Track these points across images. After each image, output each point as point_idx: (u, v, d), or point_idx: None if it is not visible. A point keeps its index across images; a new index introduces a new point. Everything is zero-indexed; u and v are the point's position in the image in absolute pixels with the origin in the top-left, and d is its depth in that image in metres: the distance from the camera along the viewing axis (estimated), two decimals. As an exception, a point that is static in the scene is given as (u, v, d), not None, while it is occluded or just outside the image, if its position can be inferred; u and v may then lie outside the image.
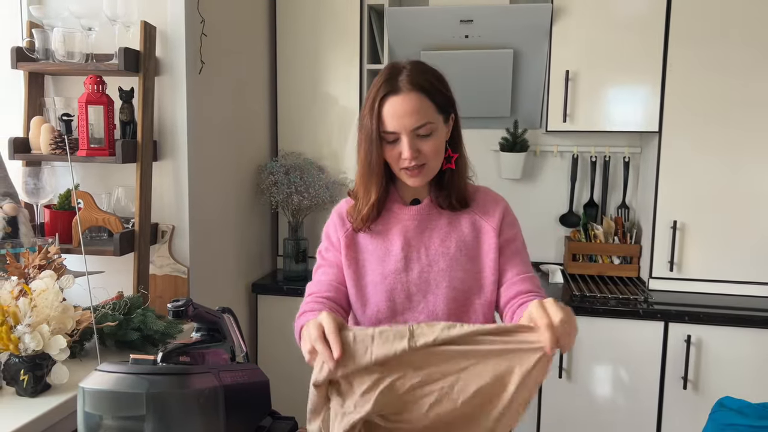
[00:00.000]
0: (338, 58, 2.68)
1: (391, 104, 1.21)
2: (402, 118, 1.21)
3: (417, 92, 1.22)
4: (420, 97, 1.22)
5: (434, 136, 1.25)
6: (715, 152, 2.40)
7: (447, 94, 1.28)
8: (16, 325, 1.36)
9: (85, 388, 0.94)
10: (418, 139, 1.23)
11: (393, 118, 1.21)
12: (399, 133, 1.22)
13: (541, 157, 2.89)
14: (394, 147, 1.24)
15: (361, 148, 1.27)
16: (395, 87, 1.22)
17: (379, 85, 1.23)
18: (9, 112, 2.05)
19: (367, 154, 1.25)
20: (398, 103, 1.21)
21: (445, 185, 1.32)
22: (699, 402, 2.26)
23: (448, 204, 1.33)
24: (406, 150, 1.22)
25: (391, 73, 1.24)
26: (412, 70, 1.24)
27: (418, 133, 1.23)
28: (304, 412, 1.03)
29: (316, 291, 1.33)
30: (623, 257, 2.68)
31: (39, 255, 1.59)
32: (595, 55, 2.48)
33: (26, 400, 1.36)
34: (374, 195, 1.29)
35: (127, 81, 1.96)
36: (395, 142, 1.24)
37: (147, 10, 1.96)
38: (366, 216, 1.31)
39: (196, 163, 2.10)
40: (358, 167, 1.32)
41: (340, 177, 2.71)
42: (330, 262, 1.36)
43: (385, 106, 1.22)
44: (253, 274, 2.69)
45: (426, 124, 1.22)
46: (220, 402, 0.97)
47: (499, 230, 1.33)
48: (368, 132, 1.24)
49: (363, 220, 1.32)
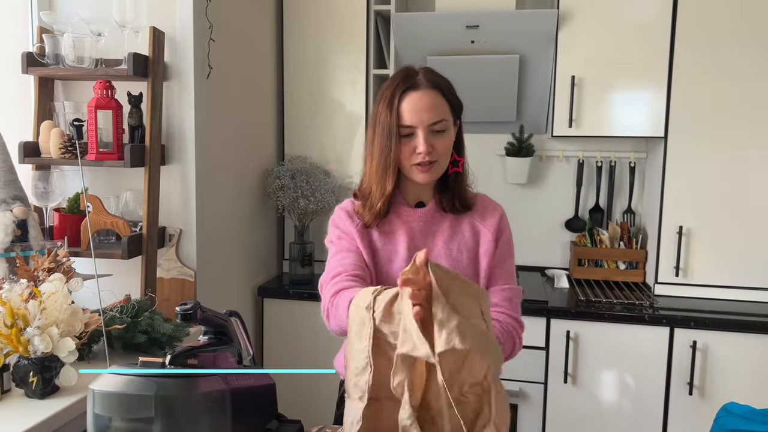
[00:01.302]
0: (345, 63, 2.70)
1: (410, 99, 1.27)
2: (420, 112, 1.27)
3: (434, 90, 1.29)
4: (437, 94, 1.29)
5: (447, 134, 1.30)
6: (721, 157, 2.39)
7: (457, 98, 1.35)
8: (25, 327, 1.37)
9: (95, 389, 0.96)
10: (432, 135, 1.28)
11: (411, 112, 1.27)
12: (416, 128, 1.27)
13: (546, 162, 2.90)
14: (410, 142, 1.29)
15: (376, 143, 1.31)
16: (414, 83, 1.28)
17: (396, 82, 1.29)
18: (19, 116, 2.07)
19: (384, 148, 1.29)
20: (417, 98, 1.27)
21: (449, 188, 1.37)
22: (705, 408, 2.26)
23: (452, 207, 1.37)
24: (421, 144, 1.27)
25: (407, 73, 1.30)
26: (428, 71, 1.31)
27: (434, 129, 1.28)
28: (309, 414, 1.04)
29: (342, 271, 1.27)
30: (629, 262, 2.67)
31: (48, 258, 1.60)
32: (601, 60, 2.48)
33: (35, 402, 1.37)
34: (390, 187, 1.31)
35: (136, 86, 1.98)
36: (410, 137, 1.28)
37: (156, 15, 1.98)
38: (379, 210, 1.33)
39: (203, 167, 2.12)
40: (368, 165, 1.35)
41: (346, 181, 2.72)
42: (347, 247, 1.35)
43: (405, 100, 1.27)
44: (259, 278, 2.70)
45: (441, 120, 1.28)
46: (228, 405, 0.98)
47: (495, 236, 1.37)
48: (385, 126, 1.28)
49: (375, 214, 1.34)
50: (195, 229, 2.08)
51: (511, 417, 2.48)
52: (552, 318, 2.34)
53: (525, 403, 2.40)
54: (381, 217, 1.35)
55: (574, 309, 2.33)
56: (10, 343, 1.37)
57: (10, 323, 1.36)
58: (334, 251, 1.36)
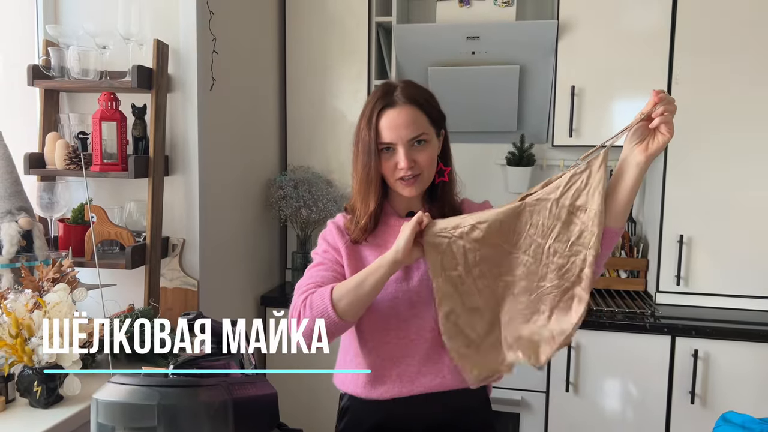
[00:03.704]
0: (347, 74, 2.72)
1: (387, 117, 1.29)
2: (398, 129, 1.28)
3: (411, 105, 1.30)
4: (414, 109, 1.30)
5: (429, 146, 1.32)
6: (722, 166, 2.40)
7: (438, 110, 1.36)
8: (30, 337, 1.39)
9: (98, 399, 0.97)
10: (413, 149, 1.30)
11: (390, 129, 1.29)
12: (395, 144, 1.29)
13: (547, 171, 2.91)
14: (391, 158, 1.30)
15: (358, 161, 1.34)
16: (391, 101, 1.30)
17: (375, 100, 1.31)
18: (25, 128, 2.09)
19: (365, 165, 1.32)
20: (395, 115, 1.29)
21: (438, 198, 1.39)
22: (707, 416, 2.25)
23: (441, 215, 1.37)
24: (402, 160, 1.28)
25: (385, 90, 1.32)
26: (406, 87, 1.32)
27: (413, 144, 1.30)
28: (311, 423, 1.05)
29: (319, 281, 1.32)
30: (630, 271, 2.68)
31: (53, 268, 1.62)
32: (601, 70, 2.50)
33: (39, 411, 1.38)
34: (372, 204, 1.34)
35: (140, 98, 2.01)
36: (391, 153, 1.30)
37: (160, 28, 2.01)
38: (364, 226, 1.35)
39: (206, 178, 2.13)
40: (354, 181, 1.38)
41: (348, 191, 2.73)
42: (329, 265, 1.37)
43: (382, 118, 1.29)
44: (261, 287, 2.71)
45: (421, 134, 1.30)
46: (230, 414, 0.99)
47: None
48: (366, 144, 1.31)
49: (362, 230, 1.36)
50: (198, 239, 2.10)
51: (513, 426, 2.49)
52: (553, 327, 2.35)
53: (527, 412, 2.40)
54: (369, 232, 1.36)
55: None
56: (14, 353, 1.38)
57: (15, 333, 1.37)
58: (316, 263, 1.39)
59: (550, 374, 2.37)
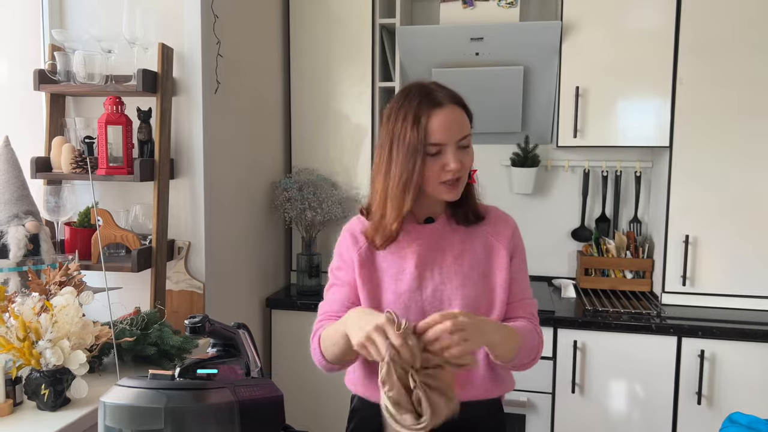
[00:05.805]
0: (350, 76, 2.73)
1: (438, 116, 1.24)
2: (449, 129, 1.24)
3: (456, 105, 1.28)
4: (460, 110, 1.28)
5: (470, 149, 1.30)
6: (727, 166, 2.40)
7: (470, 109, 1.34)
8: (37, 340, 1.40)
9: (105, 402, 0.97)
10: (460, 150, 1.27)
11: (441, 129, 1.24)
12: (444, 145, 1.24)
13: (552, 172, 2.91)
14: (437, 160, 1.25)
15: (396, 163, 1.26)
16: (438, 101, 1.25)
17: (418, 100, 1.26)
18: (31, 132, 2.10)
19: (407, 168, 1.25)
20: (445, 114, 1.25)
21: (462, 200, 1.34)
22: (713, 417, 2.25)
23: (465, 218, 1.35)
24: (452, 161, 1.24)
25: (424, 91, 1.27)
26: (442, 87, 1.30)
27: (461, 145, 1.27)
28: (317, 426, 1.05)
29: (328, 310, 1.36)
30: (636, 272, 2.67)
31: (60, 272, 1.63)
32: (605, 70, 2.50)
33: (46, 414, 1.39)
34: (408, 206, 1.27)
35: (145, 101, 2.02)
36: (437, 156, 1.25)
37: (164, 32, 2.02)
38: (394, 233, 1.29)
39: (211, 181, 2.14)
40: (383, 185, 1.29)
41: (352, 193, 2.74)
42: (342, 280, 1.37)
43: (432, 118, 1.24)
44: (267, 289, 2.72)
45: (467, 135, 1.28)
46: (236, 416, 0.99)
47: (510, 250, 1.36)
48: (411, 146, 1.24)
49: (388, 237, 1.30)
50: (203, 242, 2.11)
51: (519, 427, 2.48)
52: (559, 328, 2.35)
53: (533, 414, 2.40)
54: (393, 240, 1.31)
55: (581, 319, 2.33)
56: (22, 356, 1.39)
57: (22, 336, 1.38)
58: (331, 282, 1.40)
59: (556, 375, 2.36)
